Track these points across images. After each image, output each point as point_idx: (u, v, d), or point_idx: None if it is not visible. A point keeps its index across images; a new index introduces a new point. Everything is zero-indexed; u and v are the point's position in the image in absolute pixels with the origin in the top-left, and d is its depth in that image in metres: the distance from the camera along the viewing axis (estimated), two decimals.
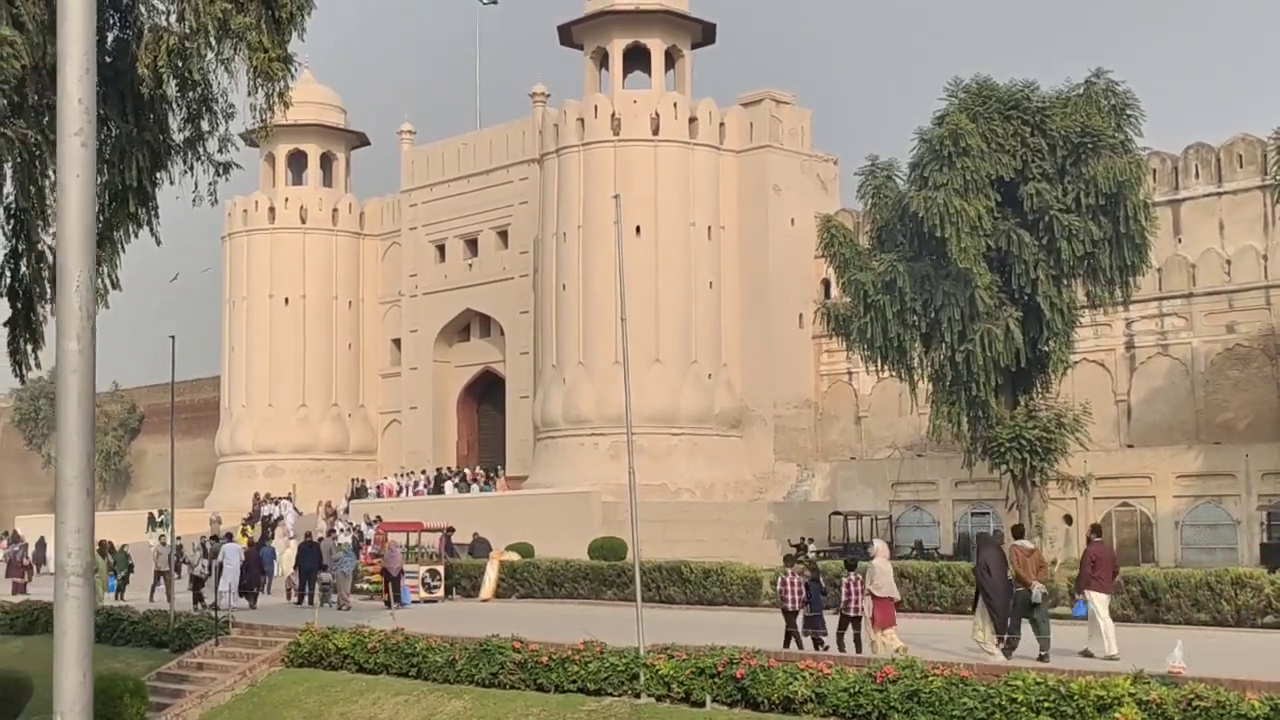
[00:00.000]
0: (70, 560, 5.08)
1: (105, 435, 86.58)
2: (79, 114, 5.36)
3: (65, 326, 5.02)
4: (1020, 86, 38.25)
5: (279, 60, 17.91)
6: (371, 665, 23.91)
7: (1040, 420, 38.03)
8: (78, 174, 5.33)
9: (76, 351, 4.95)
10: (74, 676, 5.13)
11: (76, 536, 5.07)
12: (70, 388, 4.94)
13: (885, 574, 21.08)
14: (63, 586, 5.14)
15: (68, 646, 5.11)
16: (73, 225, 5.17)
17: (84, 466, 5.09)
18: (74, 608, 5.13)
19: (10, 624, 35.14)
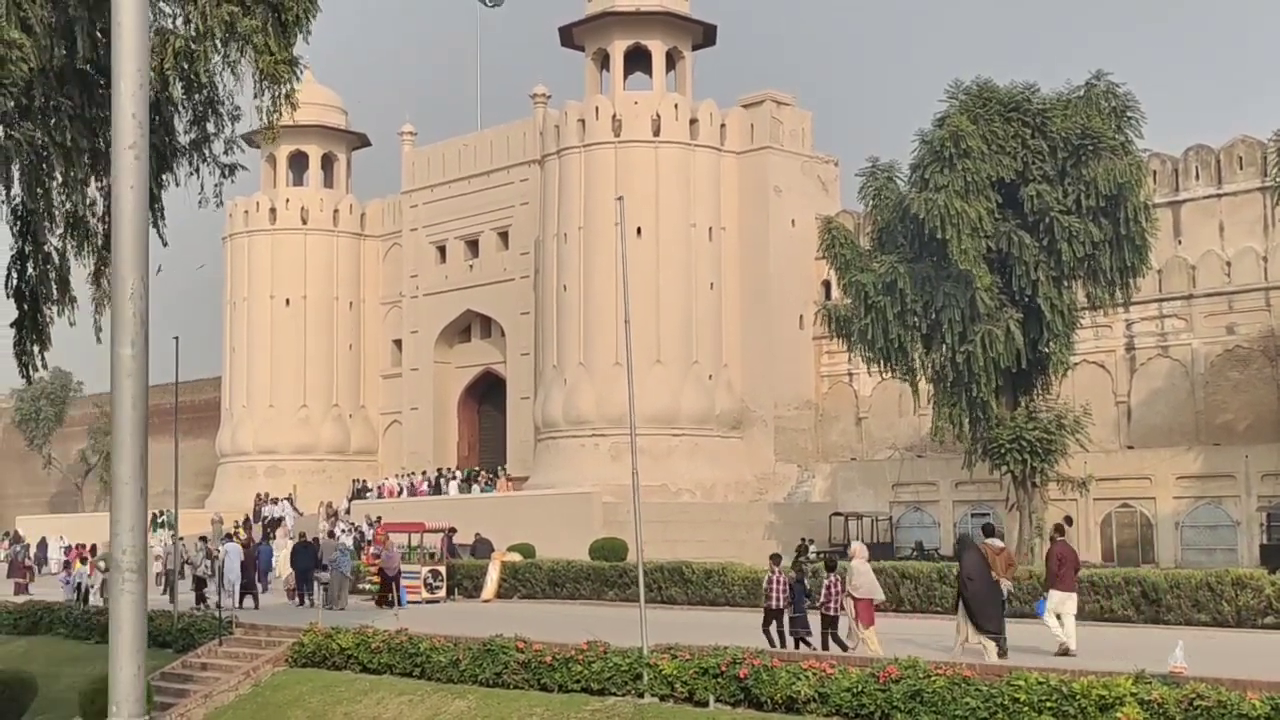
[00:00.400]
0: (125, 557, 5.20)
1: (106, 436, 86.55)
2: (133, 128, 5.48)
3: (119, 333, 5.13)
4: (1021, 88, 38.34)
5: (285, 63, 18.02)
6: (375, 665, 23.98)
7: (1040, 421, 38.11)
8: (132, 185, 5.45)
9: (130, 356, 5.08)
10: (129, 669, 5.24)
11: (131, 534, 5.20)
12: (125, 391, 5.06)
13: (864, 575, 21.26)
14: (117, 582, 5.26)
15: (122, 640, 5.22)
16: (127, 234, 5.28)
17: (137, 467, 5.20)
18: (128, 603, 5.25)
19: (14, 624, 35.26)
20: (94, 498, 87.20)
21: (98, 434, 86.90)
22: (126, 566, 5.25)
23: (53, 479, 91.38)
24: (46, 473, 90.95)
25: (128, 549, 5.25)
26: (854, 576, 21.21)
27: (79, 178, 18.80)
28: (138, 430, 5.26)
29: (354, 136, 71.62)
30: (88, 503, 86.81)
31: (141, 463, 5.30)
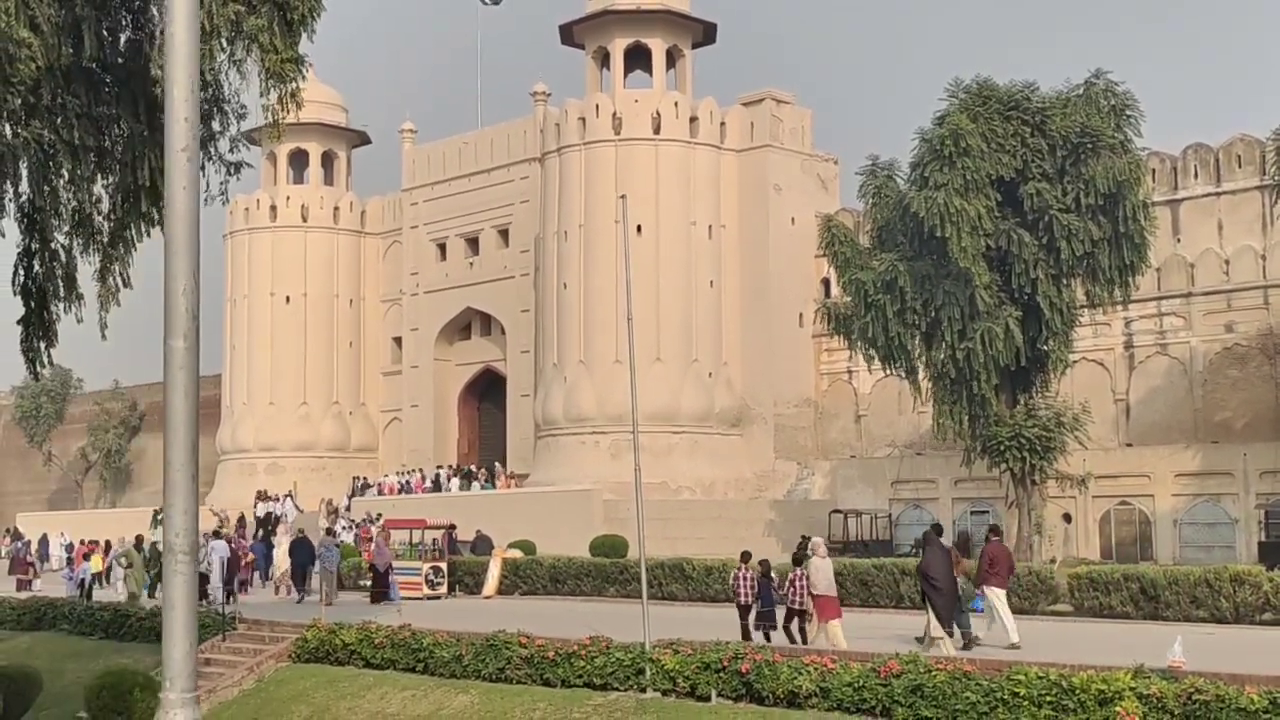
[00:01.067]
0: (178, 540, 5.38)
1: (106, 433, 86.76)
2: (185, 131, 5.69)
3: (172, 326, 5.31)
4: (1020, 87, 38.47)
5: (290, 61, 18.13)
6: (378, 660, 24.11)
7: (1040, 419, 38.25)
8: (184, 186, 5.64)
9: (183, 349, 5.27)
10: (181, 647, 5.42)
11: (184, 518, 5.38)
12: (177, 383, 5.24)
13: (822, 572, 21.74)
14: (170, 564, 5.44)
15: (176, 619, 5.39)
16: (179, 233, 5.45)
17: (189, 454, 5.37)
18: (180, 583, 5.42)
19: (17, 620, 35.39)
20: (94, 495, 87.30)
21: (98, 431, 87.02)
22: (179, 549, 5.43)
23: (53, 476, 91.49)
24: (47, 470, 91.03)
25: (181, 532, 5.43)
26: (812, 573, 21.76)
27: (85, 175, 18.93)
28: (189, 419, 5.44)
29: (354, 134, 71.72)
30: (88, 500, 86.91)
31: (193, 450, 5.48)
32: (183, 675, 5.44)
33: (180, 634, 5.44)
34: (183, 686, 5.47)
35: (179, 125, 5.56)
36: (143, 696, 22.67)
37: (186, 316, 5.44)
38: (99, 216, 19.27)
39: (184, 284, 5.46)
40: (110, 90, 18.83)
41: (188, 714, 5.59)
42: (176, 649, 5.43)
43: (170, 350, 5.42)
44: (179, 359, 5.40)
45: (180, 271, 5.47)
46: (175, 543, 5.46)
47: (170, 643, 5.45)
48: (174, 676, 5.46)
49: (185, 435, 5.40)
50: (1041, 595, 28.67)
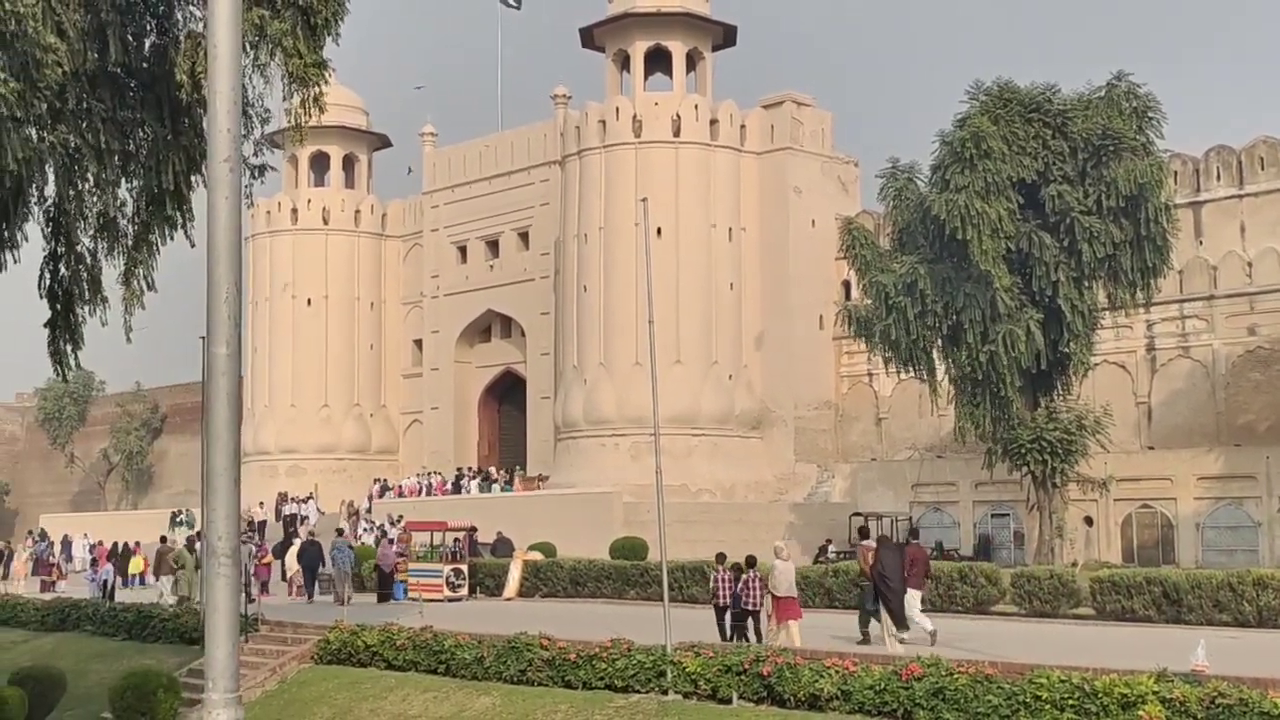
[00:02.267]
0: (220, 543, 5.47)
1: (128, 435, 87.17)
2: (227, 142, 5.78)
3: (215, 333, 5.40)
4: (1041, 89, 38.43)
5: (314, 65, 18.20)
6: (400, 662, 24.17)
7: (1061, 422, 38.17)
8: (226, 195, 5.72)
9: (225, 355, 5.36)
10: (224, 648, 5.50)
11: (226, 522, 5.47)
12: (220, 388, 5.32)
13: (783, 574, 22.48)
14: (213, 566, 5.53)
15: (219, 621, 5.48)
16: (222, 242, 5.53)
17: (231, 458, 5.45)
18: (223, 585, 5.51)
19: (41, 621, 35.56)
20: (116, 496, 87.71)
21: (119, 433, 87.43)
22: (222, 552, 5.51)
23: (75, 478, 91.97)
24: (69, 471, 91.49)
25: (223, 535, 5.51)
26: (775, 575, 22.47)
27: (110, 179, 19.01)
28: (232, 424, 5.53)
29: (375, 137, 71.93)
30: (110, 501, 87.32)
31: (235, 454, 5.55)
32: (225, 675, 5.53)
33: (223, 635, 5.53)
34: (225, 687, 5.56)
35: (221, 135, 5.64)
36: (166, 697, 22.83)
37: (229, 323, 5.53)
38: (123, 220, 19.36)
39: (226, 291, 5.54)
40: (135, 94, 18.92)
41: (231, 714, 5.67)
42: (219, 650, 5.53)
43: (213, 357, 5.51)
44: (221, 365, 5.49)
45: (222, 279, 5.55)
46: (217, 546, 5.54)
47: (213, 644, 5.55)
48: (216, 677, 5.55)
49: (227, 440, 5.49)
50: (1063, 598, 28.62)
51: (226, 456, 5.52)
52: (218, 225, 5.67)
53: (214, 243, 5.59)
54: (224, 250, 5.61)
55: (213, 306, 5.50)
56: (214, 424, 5.51)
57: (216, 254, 5.55)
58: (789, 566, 22.82)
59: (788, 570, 22.65)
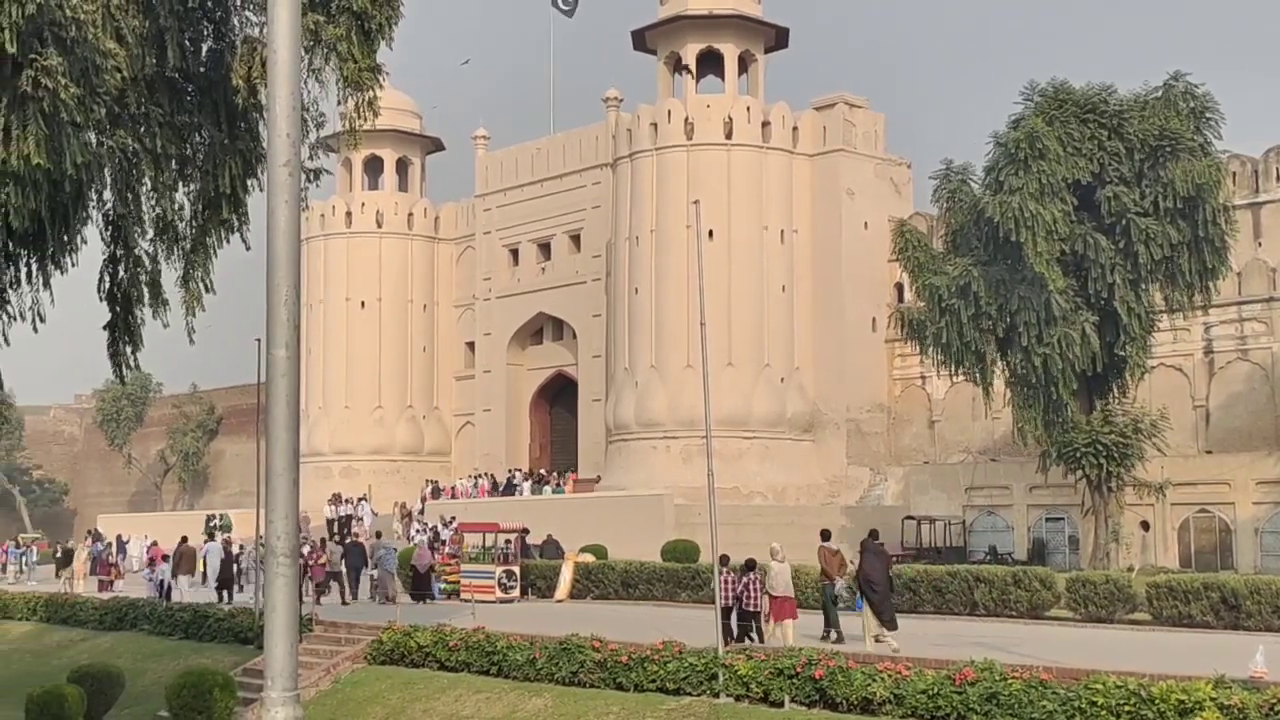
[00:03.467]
0: (279, 543, 5.54)
1: (184, 436, 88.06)
2: (287, 146, 5.84)
3: (274, 335, 5.47)
4: (1097, 89, 38.12)
5: (368, 70, 18.35)
6: (453, 663, 24.28)
7: (1117, 425, 37.82)
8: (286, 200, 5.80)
9: (285, 358, 5.43)
10: (283, 646, 5.56)
11: (284, 522, 5.54)
12: (279, 390, 5.40)
13: (780, 575, 23.23)
14: (272, 566, 5.60)
15: (278, 620, 5.54)
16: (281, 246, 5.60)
17: (291, 459, 5.51)
18: (282, 585, 5.57)
19: (100, 620, 36.01)
20: (173, 497, 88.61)
21: (176, 434, 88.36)
22: (281, 551, 5.58)
23: (133, 478, 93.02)
24: (127, 472, 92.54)
25: (281, 535, 5.57)
26: (771, 576, 23.17)
27: (168, 183, 19.24)
28: (291, 425, 5.59)
29: (428, 140, 72.32)
30: (167, 502, 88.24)
31: (295, 455, 5.61)
32: (284, 674, 5.60)
33: (282, 634, 5.59)
34: (284, 685, 5.62)
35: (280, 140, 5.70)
36: (222, 696, 23.03)
37: (288, 326, 5.59)
38: (181, 223, 19.58)
39: (284, 294, 5.60)
40: (192, 99, 19.14)
41: (289, 712, 5.73)
42: (278, 648, 5.60)
43: (272, 359, 5.57)
44: (280, 366, 5.56)
45: (281, 282, 5.61)
46: (276, 546, 5.62)
47: (272, 642, 5.62)
48: (275, 675, 5.63)
49: (286, 441, 5.55)
50: (1119, 604, 28.34)
51: (285, 457, 5.58)
52: (277, 229, 5.72)
53: (273, 246, 5.65)
54: (283, 254, 5.66)
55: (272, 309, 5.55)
56: (273, 425, 5.57)
57: (276, 257, 5.61)
58: (785, 568, 23.50)
59: (784, 571, 23.36)
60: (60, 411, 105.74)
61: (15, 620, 39.67)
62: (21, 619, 39.50)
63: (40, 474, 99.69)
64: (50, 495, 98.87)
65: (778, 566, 23.36)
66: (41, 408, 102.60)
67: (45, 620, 38.38)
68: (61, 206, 17.46)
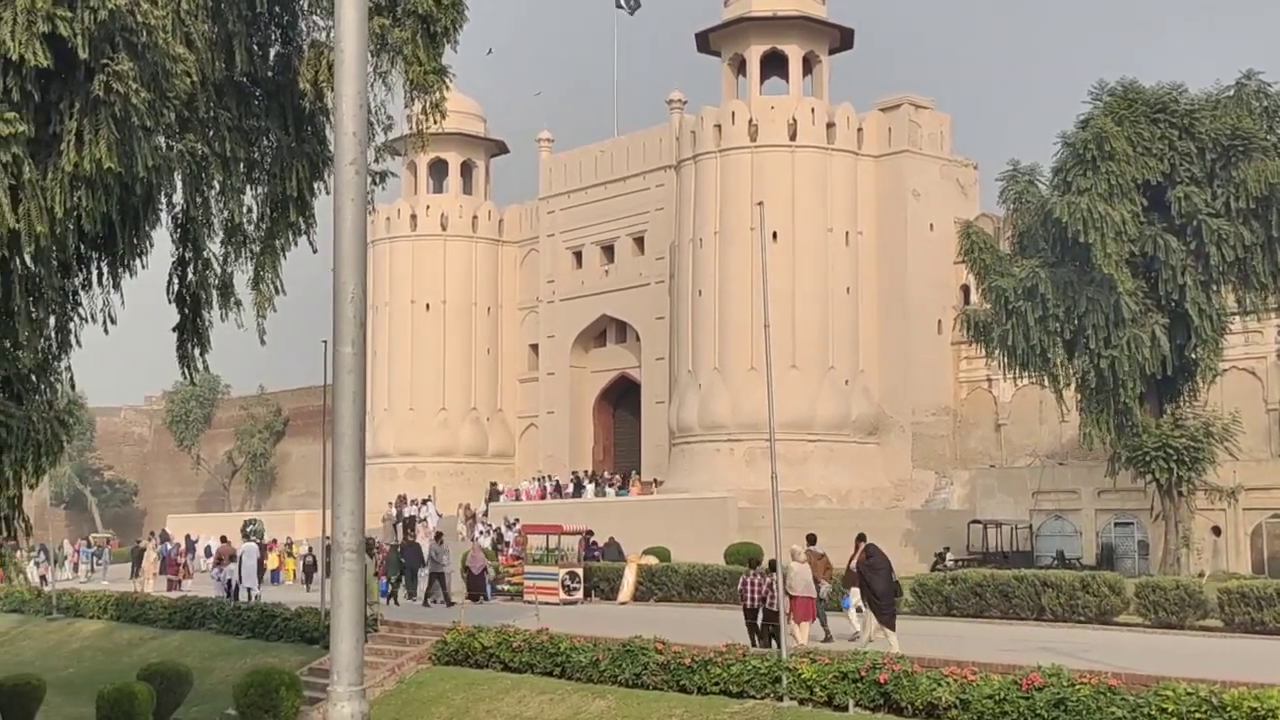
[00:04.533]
0: (345, 538, 5.59)
1: (251, 438, 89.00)
2: (353, 145, 5.90)
3: (341, 333, 5.53)
4: (1167, 89, 37.67)
5: (434, 72, 18.44)
6: (517, 664, 24.33)
7: (1187, 429, 37.33)
8: (352, 198, 5.86)
9: (351, 354, 5.49)
10: (349, 641, 5.62)
11: (351, 518, 5.60)
12: (346, 386, 5.46)
13: (800, 575, 23.63)
14: (339, 561, 5.64)
15: (344, 615, 5.60)
16: (347, 244, 5.65)
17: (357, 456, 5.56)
18: (348, 580, 5.63)
19: (169, 619, 36.46)
20: (240, 498, 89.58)
21: (244, 436, 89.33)
22: (347, 547, 5.63)
23: (201, 479, 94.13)
24: (195, 473, 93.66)
25: (348, 531, 5.62)
26: (791, 577, 23.19)
27: (236, 186, 19.43)
28: (357, 421, 5.64)
29: (492, 144, 72.64)
30: (234, 502, 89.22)
31: (361, 451, 5.65)
32: (350, 669, 5.64)
33: (348, 629, 5.63)
34: (350, 680, 5.67)
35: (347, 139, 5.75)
36: (288, 695, 23.24)
37: (354, 324, 5.64)
38: (249, 226, 19.76)
39: (352, 292, 5.65)
40: (260, 103, 19.32)
41: (355, 706, 5.76)
42: (344, 643, 5.65)
43: (338, 356, 5.63)
44: (347, 364, 5.62)
45: (348, 281, 5.66)
46: (343, 541, 5.67)
47: (338, 638, 5.67)
48: (341, 670, 5.68)
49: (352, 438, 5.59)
50: (1190, 610, 27.94)
51: (352, 454, 5.62)
52: (343, 228, 5.76)
53: (340, 246, 5.69)
54: (349, 252, 5.70)
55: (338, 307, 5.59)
56: (339, 422, 5.61)
57: (342, 257, 5.65)
58: (804, 568, 23.98)
59: (804, 571, 23.84)
60: (130, 413, 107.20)
61: (86, 619, 40.25)
62: (93, 617, 40.07)
63: (111, 474, 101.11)
64: (121, 495, 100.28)
65: (797, 567, 23.79)
66: (112, 409, 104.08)
67: (115, 619, 38.91)
68: (132, 210, 17.67)
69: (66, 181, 15.64)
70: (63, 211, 15.72)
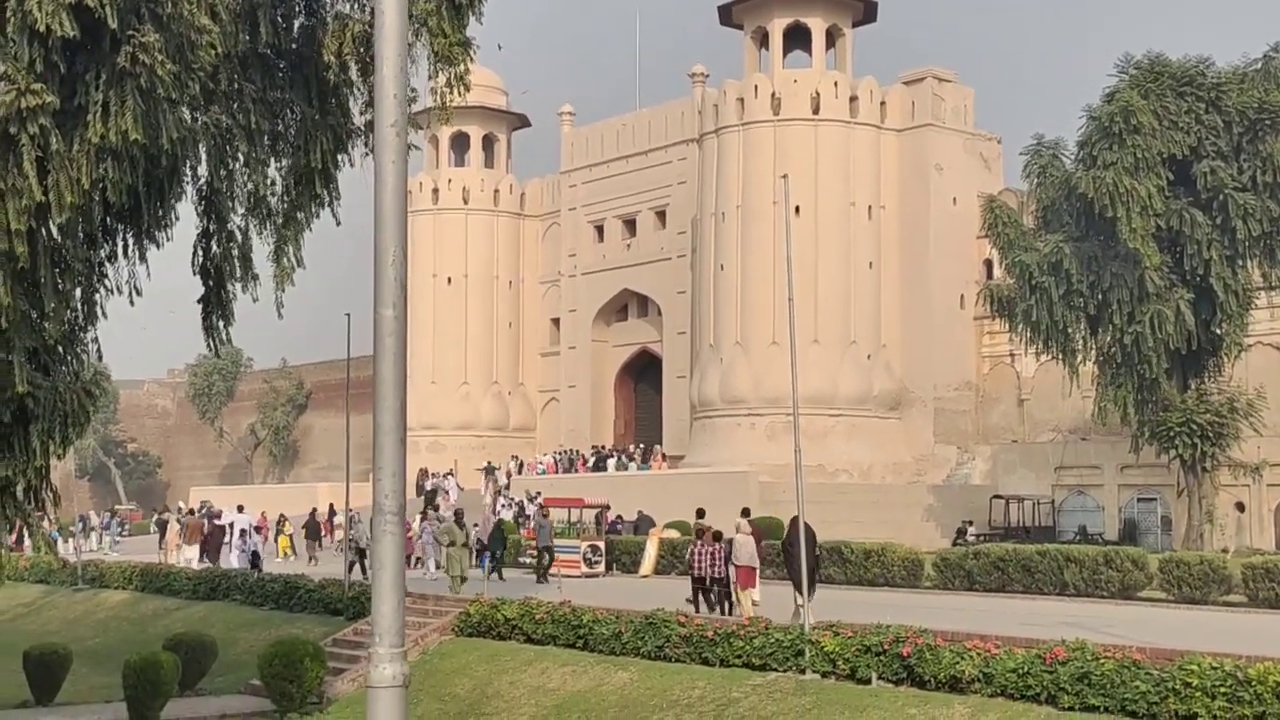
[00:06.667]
0: (386, 501, 5.63)
1: (274, 411, 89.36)
2: (394, 107, 5.97)
3: (382, 295, 5.58)
4: (1194, 62, 37.43)
5: (458, 45, 18.39)
6: (539, 636, 24.42)
7: (1212, 405, 37.20)
8: (393, 160, 5.91)
9: (392, 317, 5.55)
10: (390, 602, 5.68)
11: (392, 480, 5.65)
12: (387, 349, 5.51)
13: (745, 546, 24.64)
14: (380, 524, 5.68)
15: (385, 577, 5.65)
16: (387, 206, 5.69)
17: (398, 418, 5.61)
18: (389, 543, 5.68)
19: (194, 590, 36.71)
20: (263, 470, 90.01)
21: (266, 409, 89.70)
22: (388, 509, 5.66)
23: (224, 452, 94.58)
24: (218, 445, 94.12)
25: (389, 493, 5.66)
26: (736, 548, 24.59)
27: (260, 158, 19.40)
28: (398, 384, 5.69)
29: (514, 117, 72.57)
30: (257, 475, 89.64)
31: (401, 414, 5.69)
32: (391, 631, 5.71)
33: (388, 591, 5.70)
34: (391, 642, 5.73)
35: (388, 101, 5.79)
36: (313, 666, 23.36)
37: (395, 286, 5.68)
38: (273, 198, 19.75)
39: (393, 255, 5.70)
40: (284, 75, 19.30)
41: (396, 668, 5.81)
42: (385, 605, 5.71)
43: (380, 319, 5.70)
44: (388, 326, 5.68)
45: (389, 243, 5.71)
46: (384, 504, 5.69)
47: (379, 600, 5.74)
48: (383, 632, 5.74)
49: (393, 400, 5.64)
50: (1214, 585, 27.88)
51: (393, 416, 5.66)
52: (384, 189, 5.79)
53: (380, 207, 5.72)
54: (390, 214, 5.73)
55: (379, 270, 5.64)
56: (380, 384, 5.64)
57: (383, 218, 5.68)
58: (749, 540, 24.88)
59: (748, 543, 24.76)
60: (154, 386, 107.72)
61: (112, 589, 40.54)
62: (118, 588, 40.36)
63: (134, 447, 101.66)
64: (144, 468, 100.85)
65: (741, 539, 24.82)
66: (135, 382, 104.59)
67: (140, 590, 39.19)
68: (157, 182, 17.68)
69: (93, 153, 15.65)
70: (89, 183, 15.73)
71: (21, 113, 15.00)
